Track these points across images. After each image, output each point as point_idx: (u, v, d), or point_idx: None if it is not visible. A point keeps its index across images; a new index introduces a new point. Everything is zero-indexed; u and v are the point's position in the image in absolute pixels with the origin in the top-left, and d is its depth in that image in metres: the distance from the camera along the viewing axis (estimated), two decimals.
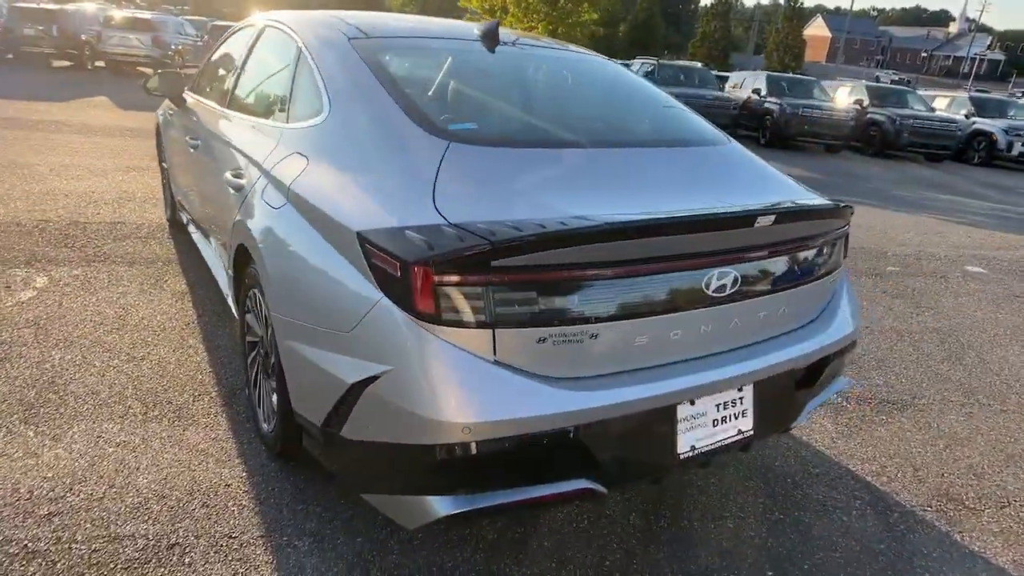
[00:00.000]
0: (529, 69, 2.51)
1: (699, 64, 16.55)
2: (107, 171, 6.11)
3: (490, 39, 2.39)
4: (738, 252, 1.72)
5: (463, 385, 1.44)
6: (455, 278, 1.41)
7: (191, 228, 3.62)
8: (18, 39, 15.69)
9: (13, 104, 9.64)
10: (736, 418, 1.84)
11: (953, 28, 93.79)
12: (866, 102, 14.72)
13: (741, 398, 1.85)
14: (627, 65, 17.57)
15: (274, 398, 2.07)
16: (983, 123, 14.92)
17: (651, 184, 1.90)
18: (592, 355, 1.56)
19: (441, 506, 1.50)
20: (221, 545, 1.89)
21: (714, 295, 1.69)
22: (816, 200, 2.03)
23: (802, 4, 31.44)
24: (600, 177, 1.86)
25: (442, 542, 1.96)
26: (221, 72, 3.19)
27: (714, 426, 1.80)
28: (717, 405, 1.80)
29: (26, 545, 1.81)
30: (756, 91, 14.45)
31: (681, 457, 1.73)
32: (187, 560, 1.82)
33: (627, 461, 1.69)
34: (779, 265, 1.85)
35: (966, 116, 15.20)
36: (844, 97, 15.43)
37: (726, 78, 17.08)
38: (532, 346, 1.48)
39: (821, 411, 2.91)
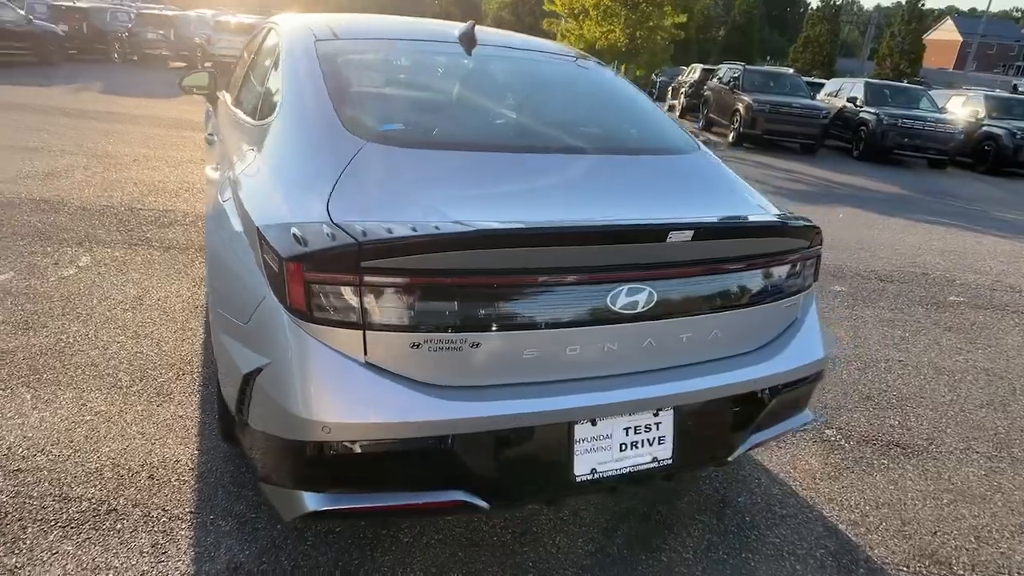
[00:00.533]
0: (495, 71, 2.48)
1: (789, 70, 15.71)
2: (181, 163, 6.61)
3: (466, 41, 2.38)
4: (653, 268, 1.63)
5: (327, 384, 1.45)
6: (325, 276, 1.42)
7: None
8: (142, 42, 17.34)
9: (125, 100, 10.64)
10: (650, 444, 1.74)
11: None
12: (981, 113, 13.45)
13: (658, 423, 1.74)
14: (712, 71, 17.07)
15: None
16: None
17: (577, 192, 1.83)
18: (474, 364, 1.52)
19: (311, 501, 1.52)
20: (152, 516, 2.00)
21: (622, 312, 1.61)
22: (763, 218, 1.88)
23: (923, 5, 28.74)
24: (522, 183, 1.81)
25: (356, 540, 1.98)
26: (237, 71, 3.37)
27: (622, 450, 1.71)
28: (626, 428, 1.71)
29: None
30: (852, 100, 13.54)
31: (579, 479, 1.66)
32: (118, 526, 1.95)
33: (515, 478, 1.64)
34: (708, 285, 1.74)
35: None
36: (957, 108, 14.17)
37: (821, 85, 16.13)
38: (406, 351, 1.47)
39: (809, 447, 2.70)
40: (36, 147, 6.61)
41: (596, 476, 1.68)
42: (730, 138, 13.49)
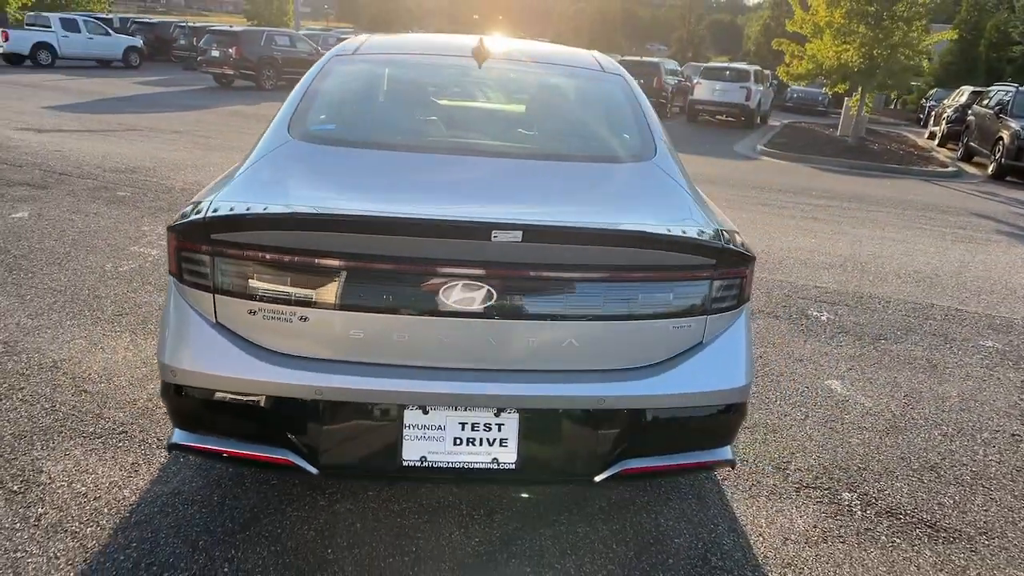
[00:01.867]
0: (479, 82, 2.54)
1: None
2: None
3: (477, 55, 2.50)
4: (490, 267, 1.62)
5: (180, 335, 1.71)
6: (185, 244, 1.69)
7: None
8: None
9: None
10: (491, 444, 1.71)
11: None
12: None
13: (499, 424, 1.71)
14: (979, 93, 14.50)
15: None
16: None
17: (464, 192, 1.89)
18: (304, 337, 1.67)
19: (176, 435, 1.79)
20: (148, 442, 2.45)
21: (456, 307, 1.62)
22: (633, 228, 1.71)
23: None
24: (414, 180, 1.92)
25: (283, 493, 2.20)
26: None
27: (456, 444, 1.70)
28: (462, 424, 1.70)
29: (54, 404, 2.62)
30: None
31: (406, 464, 1.70)
32: (120, 445, 2.43)
33: (342, 451, 1.73)
34: (559, 291, 1.66)
35: None
36: None
37: None
38: (244, 316, 1.67)
39: (805, 505, 2.28)
40: None
41: (426, 464, 1.70)
42: (989, 170, 11.42)
